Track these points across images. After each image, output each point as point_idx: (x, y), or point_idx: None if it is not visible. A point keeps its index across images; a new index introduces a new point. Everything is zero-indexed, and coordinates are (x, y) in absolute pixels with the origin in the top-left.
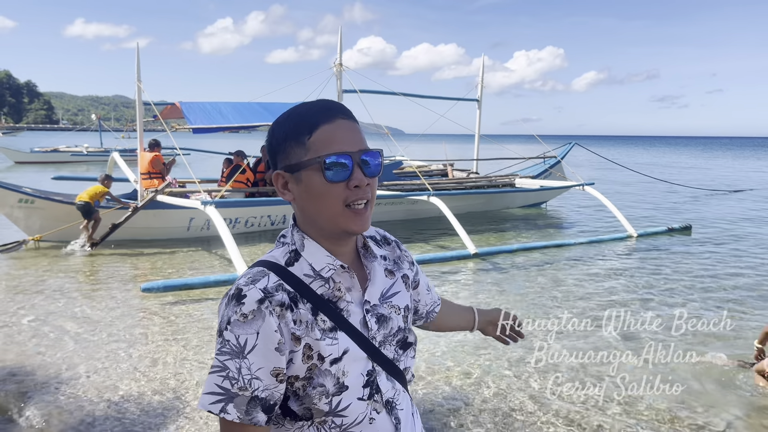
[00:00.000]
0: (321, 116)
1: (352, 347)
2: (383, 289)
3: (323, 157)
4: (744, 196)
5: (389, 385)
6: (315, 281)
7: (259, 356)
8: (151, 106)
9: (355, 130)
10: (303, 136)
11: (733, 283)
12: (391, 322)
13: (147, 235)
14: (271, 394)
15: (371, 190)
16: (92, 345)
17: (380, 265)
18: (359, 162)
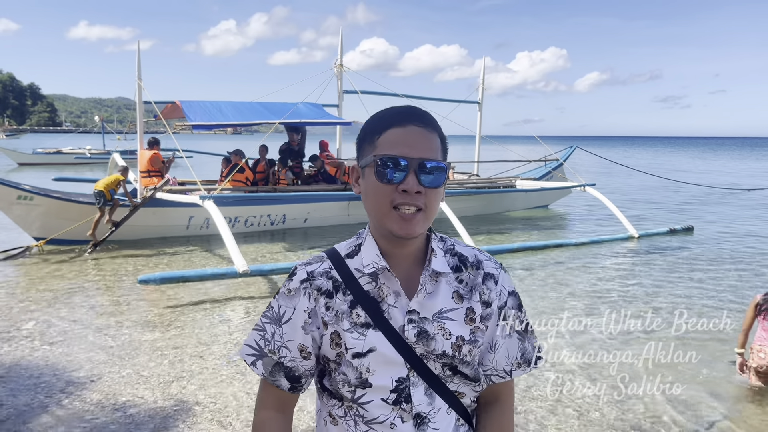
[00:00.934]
0: (395, 119)
1: (381, 348)
2: (441, 307)
3: (378, 156)
4: (746, 197)
5: (426, 400)
6: (363, 277)
7: (290, 329)
8: (152, 105)
9: (425, 138)
10: (375, 135)
11: (734, 284)
12: (435, 343)
13: (146, 233)
14: (296, 366)
15: (426, 199)
16: (96, 348)
17: (449, 284)
18: (416, 168)
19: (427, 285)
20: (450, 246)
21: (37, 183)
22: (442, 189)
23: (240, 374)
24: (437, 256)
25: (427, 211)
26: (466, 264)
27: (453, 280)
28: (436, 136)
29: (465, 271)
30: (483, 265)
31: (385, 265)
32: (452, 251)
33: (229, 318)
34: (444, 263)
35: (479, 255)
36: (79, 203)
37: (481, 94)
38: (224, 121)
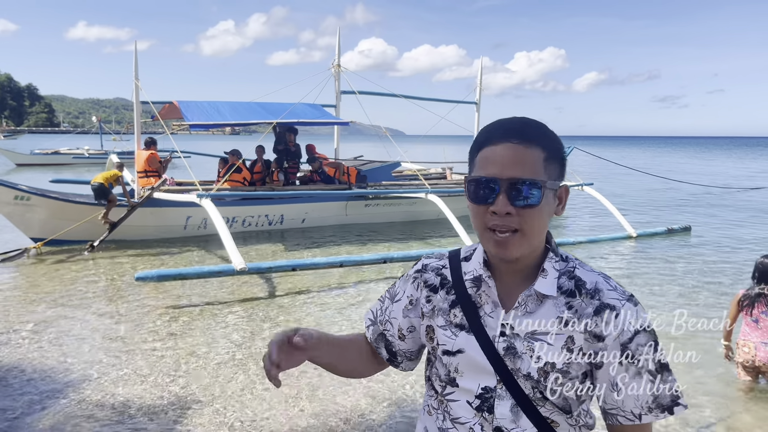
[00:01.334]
0: (492, 135)
1: (470, 351)
2: (538, 329)
3: (470, 178)
4: (743, 197)
5: (510, 416)
6: (468, 281)
7: (397, 309)
8: (149, 105)
9: (520, 156)
10: (475, 152)
11: (733, 284)
12: (521, 362)
13: (144, 234)
14: (395, 342)
15: (521, 220)
16: (95, 349)
17: (556, 307)
18: (506, 189)
19: (528, 303)
20: (570, 268)
21: (34, 184)
22: (543, 207)
23: (240, 373)
24: (547, 276)
25: (524, 231)
26: (581, 290)
27: (562, 304)
28: (537, 151)
29: (578, 298)
30: (602, 294)
31: (482, 274)
32: (570, 274)
33: (228, 317)
34: (552, 286)
35: (602, 283)
36: (76, 203)
37: (478, 94)
38: (221, 121)
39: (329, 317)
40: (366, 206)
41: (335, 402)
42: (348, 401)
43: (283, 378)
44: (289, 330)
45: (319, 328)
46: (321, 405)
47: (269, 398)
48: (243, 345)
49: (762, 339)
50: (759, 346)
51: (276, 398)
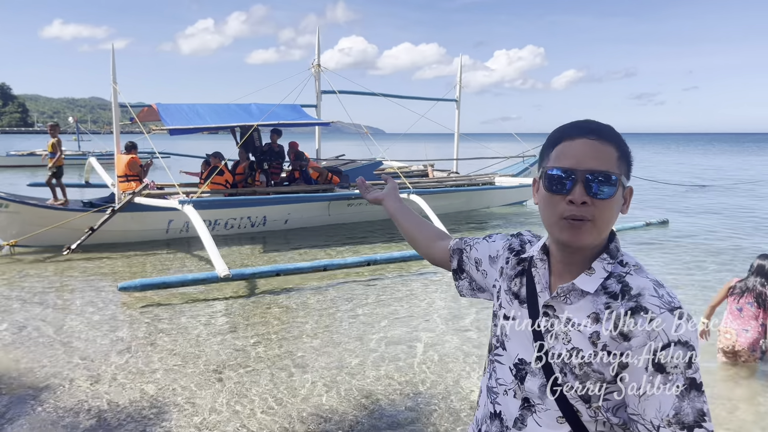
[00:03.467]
0: (569, 132)
1: (521, 320)
2: (573, 318)
3: (547, 168)
4: (714, 191)
5: (537, 393)
6: (537, 261)
7: (485, 247)
8: (127, 108)
9: (597, 151)
10: (550, 147)
11: (711, 275)
12: (556, 341)
13: (125, 238)
14: (468, 264)
15: (596, 210)
16: (71, 351)
17: (594, 304)
18: (583, 180)
19: (569, 295)
20: (623, 272)
21: (10, 188)
22: (615, 201)
23: (219, 374)
24: (592, 275)
25: (596, 222)
26: (625, 294)
27: (601, 303)
28: (612, 149)
29: (618, 301)
30: (642, 298)
31: (539, 257)
32: (621, 278)
33: (208, 320)
34: (593, 283)
35: (648, 289)
36: (55, 209)
37: (458, 92)
38: (201, 124)
39: (314, 318)
40: (349, 206)
41: (319, 402)
42: (327, 405)
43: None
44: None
45: (308, 328)
46: (306, 404)
47: (249, 400)
48: (224, 345)
49: (743, 327)
50: (740, 332)
51: (254, 399)
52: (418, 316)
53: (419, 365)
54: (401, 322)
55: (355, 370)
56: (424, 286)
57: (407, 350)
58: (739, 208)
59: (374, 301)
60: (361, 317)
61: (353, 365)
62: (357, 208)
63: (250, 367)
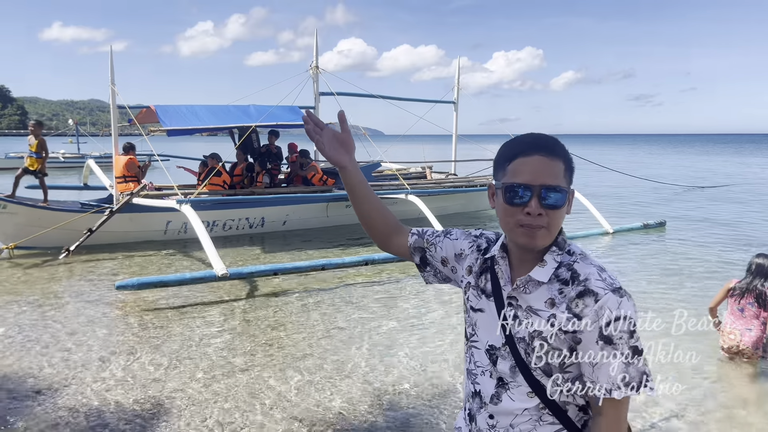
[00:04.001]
0: (523, 148)
1: (488, 312)
2: (532, 305)
3: (507, 183)
4: (713, 192)
5: (509, 373)
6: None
7: (449, 245)
8: (126, 109)
9: (548, 166)
10: (506, 162)
11: (709, 275)
12: (519, 327)
13: (123, 239)
14: (433, 260)
15: (549, 219)
16: (70, 354)
17: (549, 291)
18: (539, 194)
19: (527, 286)
20: (571, 261)
21: (8, 189)
22: (563, 209)
23: (218, 376)
24: (544, 267)
25: (549, 227)
26: (574, 280)
27: (555, 289)
28: (559, 162)
29: (569, 286)
30: (589, 282)
31: (500, 255)
32: (570, 267)
33: (207, 321)
34: (546, 274)
35: (594, 274)
36: (53, 210)
37: (456, 94)
38: (200, 126)
39: (312, 317)
40: (347, 207)
41: (320, 402)
42: (334, 404)
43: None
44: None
45: (306, 329)
46: (307, 404)
47: (248, 400)
48: (224, 347)
49: (746, 326)
50: (744, 332)
51: (254, 400)
52: (416, 314)
53: (419, 362)
54: (399, 320)
55: (356, 370)
56: (422, 284)
57: (405, 348)
58: (737, 208)
59: (372, 301)
60: (358, 317)
61: (353, 365)
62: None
63: (249, 367)
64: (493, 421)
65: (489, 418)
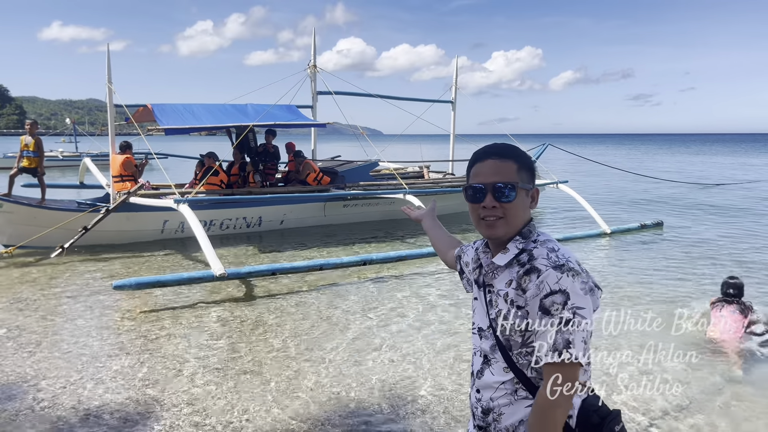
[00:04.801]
0: (480, 156)
1: (479, 299)
2: (499, 287)
3: (467, 185)
4: (710, 192)
5: (490, 351)
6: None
7: (470, 252)
8: (123, 108)
9: (499, 168)
10: (469, 168)
11: (706, 275)
12: (493, 310)
13: (120, 238)
14: (464, 267)
15: (504, 210)
16: (67, 355)
17: (510, 274)
18: (491, 190)
19: (494, 272)
20: (531, 247)
21: (4, 188)
22: (518, 201)
23: (216, 377)
24: (506, 253)
25: (507, 218)
26: (529, 261)
27: (515, 272)
28: (511, 164)
29: (521, 267)
30: (536, 261)
31: (482, 249)
32: (529, 252)
33: (204, 320)
34: (505, 259)
35: (542, 253)
36: (50, 210)
37: (454, 93)
38: (197, 125)
39: (311, 318)
40: (344, 206)
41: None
42: (324, 406)
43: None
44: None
45: (305, 329)
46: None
47: (246, 400)
48: (219, 345)
49: (731, 322)
50: (723, 330)
51: (251, 400)
52: (416, 314)
53: (418, 361)
54: (399, 319)
55: (355, 369)
56: (420, 284)
57: (406, 347)
58: (734, 209)
59: (371, 300)
60: (357, 316)
61: (351, 365)
62: (353, 208)
63: (247, 367)
64: (479, 395)
65: (476, 393)
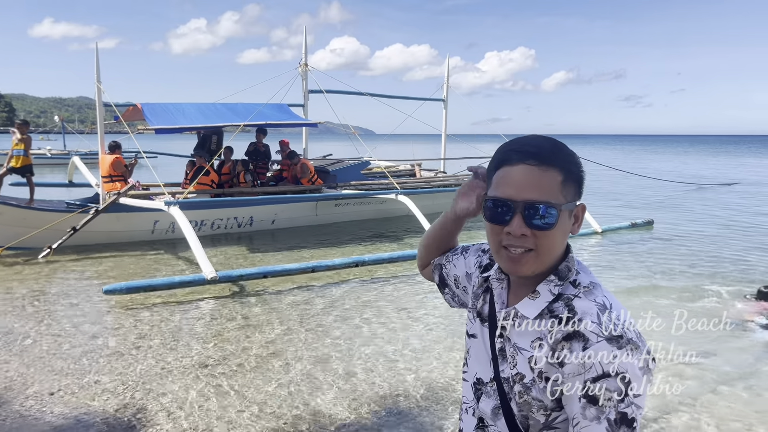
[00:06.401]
0: (509, 156)
1: (481, 338)
2: (518, 341)
3: (488, 197)
4: (698, 192)
5: (490, 414)
6: (494, 281)
7: (461, 263)
8: (112, 107)
9: (537, 178)
10: (492, 170)
11: (696, 273)
12: (505, 365)
13: (110, 239)
14: (448, 279)
15: (537, 240)
16: (55, 358)
17: (538, 328)
18: (522, 211)
19: (516, 318)
20: (572, 295)
21: None
22: (558, 229)
23: (206, 377)
24: (535, 299)
25: (539, 251)
26: (570, 320)
27: (546, 328)
28: (555, 173)
29: (561, 326)
30: (581, 324)
31: (495, 276)
32: (568, 301)
33: (195, 323)
34: (535, 308)
35: (591, 315)
36: (39, 210)
37: (445, 91)
38: (187, 124)
39: (303, 320)
40: (336, 206)
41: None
42: (297, 410)
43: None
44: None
45: (297, 331)
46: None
47: (237, 404)
48: (211, 348)
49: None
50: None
51: (242, 403)
52: (408, 318)
53: (408, 367)
54: (391, 322)
55: (345, 372)
56: (413, 287)
57: (396, 351)
58: (724, 209)
59: (363, 303)
60: (349, 319)
61: (342, 367)
62: (344, 208)
63: (239, 370)
64: None
65: None
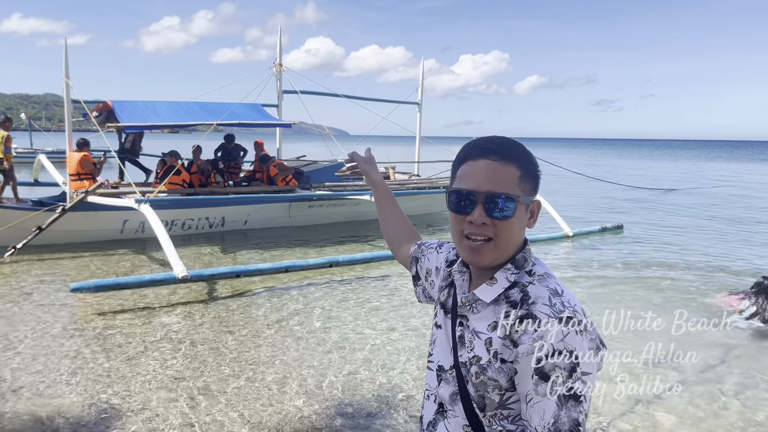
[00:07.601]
0: (472, 152)
1: (445, 328)
2: (476, 326)
3: (450, 188)
4: (665, 196)
5: (449, 400)
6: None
7: (434, 257)
8: (81, 104)
9: (497, 172)
10: (456, 166)
11: (664, 276)
12: (463, 350)
13: (78, 238)
14: (422, 273)
15: (496, 230)
16: (19, 358)
17: (495, 313)
18: (483, 201)
19: (474, 305)
20: (527, 282)
21: None
22: (516, 220)
23: (174, 379)
24: (493, 285)
25: (498, 240)
26: (524, 303)
27: (502, 311)
28: (513, 168)
29: (516, 310)
30: (534, 306)
31: (457, 269)
32: (523, 288)
33: (165, 323)
34: (492, 293)
35: (543, 298)
36: (3, 208)
37: (420, 95)
38: (158, 122)
39: (275, 321)
40: (309, 207)
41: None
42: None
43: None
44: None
45: (269, 331)
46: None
47: (207, 406)
48: (181, 350)
49: None
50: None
51: (213, 405)
52: (381, 317)
53: (381, 366)
54: (364, 322)
55: (318, 372)
56: (386, 287)
57: (370, 351)
58: (694, 212)
59: (336, 303)
60: (322, 319)
61: (315, 367)
62: (318, 209)
63: (210, 371)
64: None
65: None
